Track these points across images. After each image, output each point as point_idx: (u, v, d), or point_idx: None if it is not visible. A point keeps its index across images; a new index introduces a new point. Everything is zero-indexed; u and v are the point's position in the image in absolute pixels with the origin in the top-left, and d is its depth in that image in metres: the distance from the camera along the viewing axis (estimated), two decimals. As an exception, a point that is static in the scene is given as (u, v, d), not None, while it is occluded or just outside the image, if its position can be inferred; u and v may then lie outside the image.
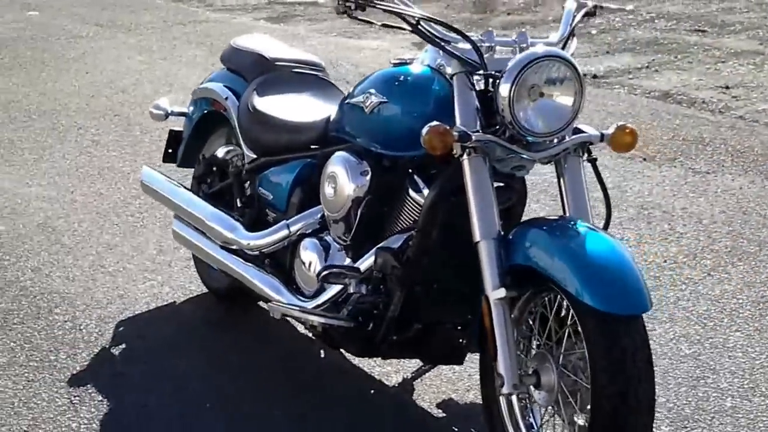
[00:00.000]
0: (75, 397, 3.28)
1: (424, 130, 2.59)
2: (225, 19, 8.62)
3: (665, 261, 4.13)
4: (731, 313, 3.73)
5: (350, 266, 2.96)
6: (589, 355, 2.44)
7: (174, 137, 4.02)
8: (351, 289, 2.93)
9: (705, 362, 3.41)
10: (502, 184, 2.80)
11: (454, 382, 3.27)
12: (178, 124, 4.02)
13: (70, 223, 4.62)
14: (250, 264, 3.40)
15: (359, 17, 2.77)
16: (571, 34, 2.91)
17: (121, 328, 3.72)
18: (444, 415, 3.18)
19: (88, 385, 3.34)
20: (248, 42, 3.80)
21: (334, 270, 2.94)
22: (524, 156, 2.69)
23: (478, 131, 2.64)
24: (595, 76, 6.78)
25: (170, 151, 4.03)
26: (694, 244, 4.28)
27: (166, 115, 3.93)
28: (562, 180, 2.76)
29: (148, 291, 3.98)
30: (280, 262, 3.35)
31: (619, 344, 2.39)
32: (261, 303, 3.47)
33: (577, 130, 2.74)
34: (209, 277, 3.84)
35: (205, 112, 3.83)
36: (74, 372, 3.43)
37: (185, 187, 3.79)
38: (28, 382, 3.36)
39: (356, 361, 3.41)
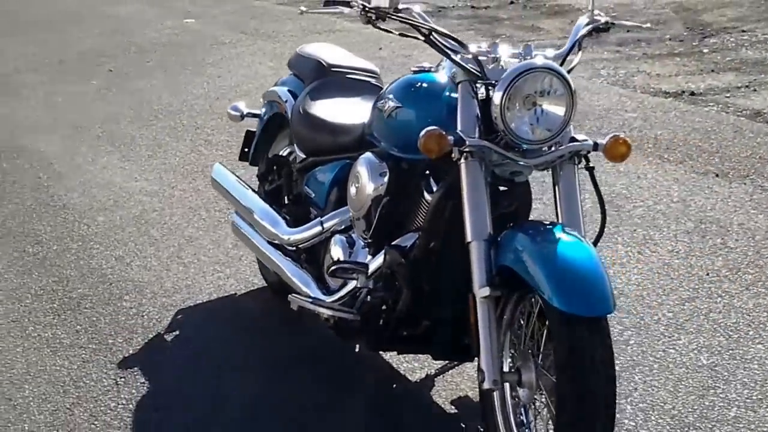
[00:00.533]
0: (120, 378, 3.49)
1: (421, 134, 2.67)
2: (359, 30, 8.77)
3: (708, 274, 4.04)
4: (759, 326, 3.63)
5: (357, 262, 3.06)
6: (553, 354, 2.51)
7: (249, 137, 4.19)
8: (358, 284, 3.03)
9: (719, 373, 3.35)
10: (505, 188, 2.85)
11: (474, 380, 3.28)
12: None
13: (162, 216, 4.86)
14: (289, 258, 3.54)
15: (381, 27, 2.88)
16: (578, 47, 2.95)
17: (180, 316, 3.92)
18: (455, 411, 3.24)
19: (135, 368, 3.55)
20: (312, 49, 3.94)
21: (342, 265, 3.06)
22: (519, 162, 2.73)
23: (474, 137, 2.69)
24: (692, 93, 6.61)
25: (246, 150, 4.20)
26: (741, 259, 4.16)
27: (242, 117, 4.13)
28: (557, 187, 2.80)
29: (214, 282, 4.16)
30: (314, 257, 3.48)
31: (580, 344, 2.45)
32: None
33: (574, 140, 2.77)
34: (267, 271, 3.98)
35: (273, 114, 3.98)
36: (126, 355, 3.64)
37: (245, 185, 3.95)
38: (83, 362, 3.60)
39: (387, 356, 3.49)
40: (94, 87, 7.35)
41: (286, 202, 3.76)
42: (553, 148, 2.74)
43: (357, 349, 3.57)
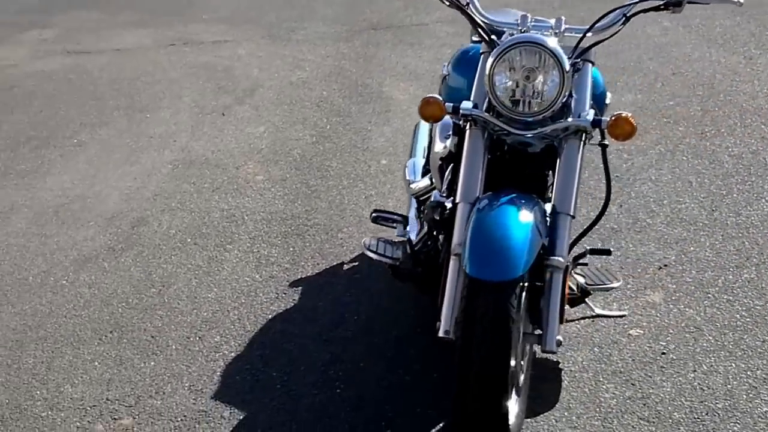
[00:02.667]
0: (283, 293, 4.22)
1: (421, 100, 3.01)
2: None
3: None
4: None
5: (397, 213, 3.43)
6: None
7: None
8: (396, 234, 3.42)
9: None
10: (532, 158, 3.08)
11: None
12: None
13: (433, 164, 5.38)
14: (414, 206, 3.98)
15: None
16: (624, 20, 3.01)
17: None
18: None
19: (299, 288, 4.26)
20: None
21: (382, 214, 3.46)
22: (511, 131, 2.95)
23: (482, 106, 2.97)
24: None
25: None
26: None
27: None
28: (558, 160, 2.94)
29: (415, 224, 4.65)
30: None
31: (474, 304, 2.68)
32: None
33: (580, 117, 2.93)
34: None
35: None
36: (302, 276, 4.32)
37: (429, 138, 4.39)
38: (269, 278, 4.37)
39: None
40: (488, 40, 7.90)
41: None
42: (556, 123, 2.91)
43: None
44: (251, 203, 5.12)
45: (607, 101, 3.44)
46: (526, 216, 2.75)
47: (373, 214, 3.56)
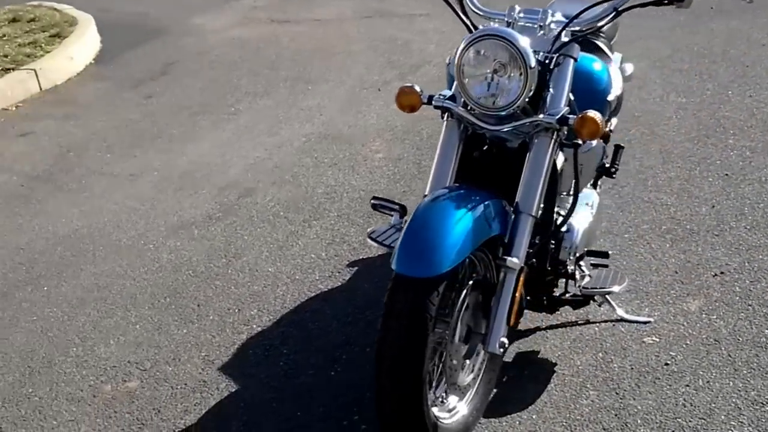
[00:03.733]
0: (336, 273, 4.29)
1: (398, 89, 3.02)
2: None
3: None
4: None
5: (396, 202, 3.42)
6: None
7: None
8: (392, 222, 3.42)
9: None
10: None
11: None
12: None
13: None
14: None
15: None
16: (613, 14, 2.89)
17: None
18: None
19: (354, 268, 4.30)
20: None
21: (381, 202, 3.46)
22: (478, 124, 2.91)
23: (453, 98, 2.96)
24: None
25: None
26: None
27: None
28: (527, 155, 2.87)
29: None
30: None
31: (394, 298, 2.64)
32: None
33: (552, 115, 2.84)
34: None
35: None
36: (363, 257, 4.39)
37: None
38: (334, 256, 4.45)
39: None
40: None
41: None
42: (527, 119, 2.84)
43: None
44: (357, 180, 5.19)
45: (610, 98, 3.22)
46: (468, 212, 2.65)
47: (373, 201, 3.52)
